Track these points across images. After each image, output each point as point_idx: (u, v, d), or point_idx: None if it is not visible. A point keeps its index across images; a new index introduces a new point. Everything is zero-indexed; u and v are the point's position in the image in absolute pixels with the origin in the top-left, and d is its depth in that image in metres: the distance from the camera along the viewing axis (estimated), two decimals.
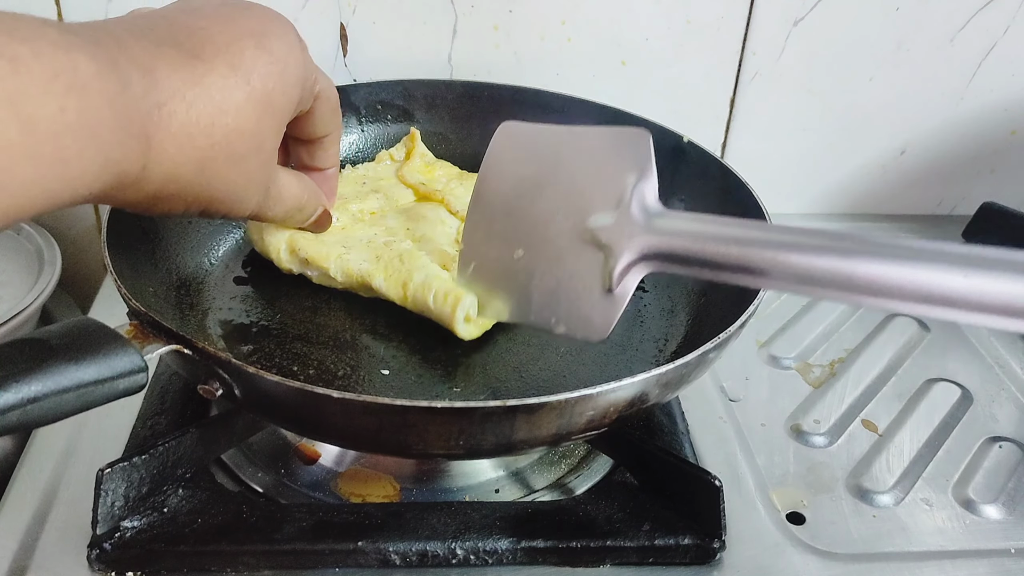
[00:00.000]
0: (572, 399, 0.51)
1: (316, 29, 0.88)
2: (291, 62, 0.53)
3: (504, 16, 0.90)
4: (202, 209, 0.52)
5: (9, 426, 0.43)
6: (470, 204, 0.65)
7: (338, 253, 0.69)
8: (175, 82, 0.46)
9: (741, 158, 0.99)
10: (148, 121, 0.44)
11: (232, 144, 0.50)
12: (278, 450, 0.69)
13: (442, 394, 0.63)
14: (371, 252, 0.70)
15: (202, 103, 0.47)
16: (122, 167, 0.44)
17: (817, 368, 0.81)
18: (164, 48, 0.47)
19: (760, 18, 0.92)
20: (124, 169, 0.44)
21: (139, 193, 0.47)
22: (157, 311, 0.61)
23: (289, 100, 0.54)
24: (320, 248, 0.69)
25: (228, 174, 0.51)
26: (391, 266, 0.68)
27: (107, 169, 0.43)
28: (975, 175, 1.04)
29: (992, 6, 0.93)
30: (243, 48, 0.50)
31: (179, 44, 0.48)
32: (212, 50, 0.49)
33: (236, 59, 0.50)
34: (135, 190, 0.46)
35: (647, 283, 0.77)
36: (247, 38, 0.51)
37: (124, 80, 0.43)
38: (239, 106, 0.49)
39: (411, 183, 0.80)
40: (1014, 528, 0.66)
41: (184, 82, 0.47)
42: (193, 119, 0.47)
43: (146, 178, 0.46)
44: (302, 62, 0.55)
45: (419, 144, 0.84)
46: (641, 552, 0.60)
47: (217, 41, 0.49)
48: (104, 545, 0.57)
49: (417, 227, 0.74)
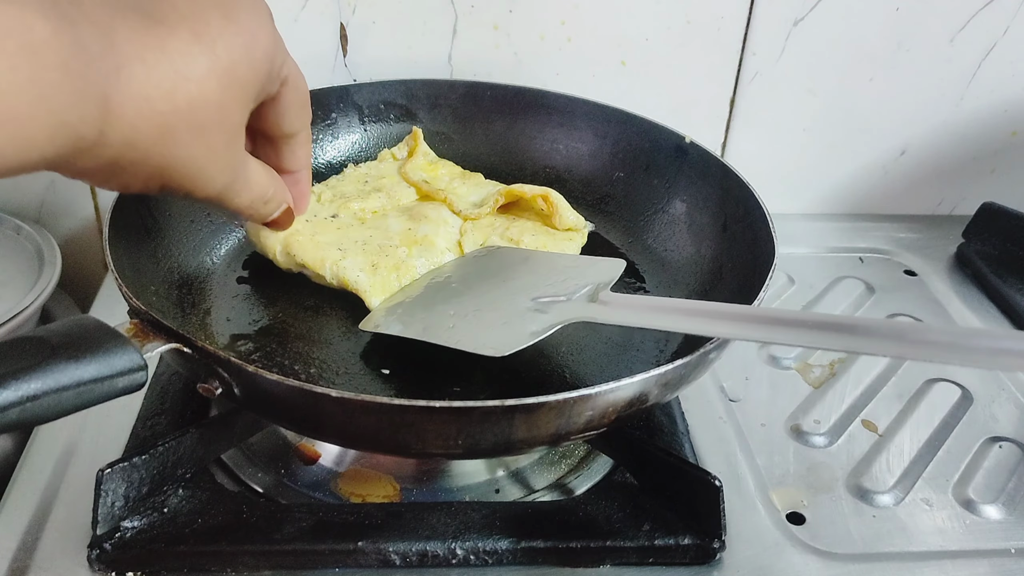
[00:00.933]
0: (571, 399, 0.51)
1: (316, 29, 0.88)
2: (260, 36, 0.52)
3: (504, 16, 0.90)
4: (163, 183, 0.50)
5: (9, 424, 0.43)
6: (424, 276, 0.68)
7: (334, 258, 0.68)
8: (135, 45, 0.45)
9: (741, 158, 0.99)
10: (106, 83, 0.43)
11: (195, 113, 0.48)
12: (278, 450, 0.69)
13: (441, 394, 0.63)
14: (367, 258, 0.69)
15: (163, 67, 0.46)
16: (78, 131, 0.42)
17: (817, 368, 0.81)
18: (125, 11, 0.45)
19: (760, 18, 0.92)
20: (80, 133, 0.42)
21: (96, 160, 0.45)
22: (158, 310, 0.62)
23: (256, 74, 0.52)
24: (315, 252, 0.69)
25: (190, 145, 0.49)
26: (387, 281, 0.68)
27: (61, 132, 0.41)
28: (975, 175, 1.04)
29: (992, 6, 0.93)
30: (209, 17, 0.49)
31: (141, 8, 0.46)
32: (176, 16, 0.47)
33: (201, 27, 0.48)
34: (92, 156, 0.45)
35: (648, 283, 0.77)
36: (214, 8, 0.49)
37: (80, 42, 0.41)
38: (203, 75, 0.48)
39: (413, 181, 0.80)
40: (1014, 528, 0.65)
41: (145, 46, 0.45)
42: (153, 82, 0.45)
43: (103, 143, 0.44)
44: (272, 38, 0.53)
45: (421, 143, 0.84)
46: (641, 552, 0.60)
47: (181, 8, 0.48)
48: (104, 545, 0.57)
49: (418, 227, 0.73)
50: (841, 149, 1.01)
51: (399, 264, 0.69)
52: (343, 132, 0.87)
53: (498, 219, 0.77)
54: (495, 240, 0.74)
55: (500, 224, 0.76)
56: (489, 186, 0.81)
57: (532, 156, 0.88)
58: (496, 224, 0.76)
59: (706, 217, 0.77)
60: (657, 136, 0.82)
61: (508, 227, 0.75)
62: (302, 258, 0.69)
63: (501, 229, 0.75)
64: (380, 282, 0.68)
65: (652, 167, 0.83)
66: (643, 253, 0.80)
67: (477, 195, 0.80)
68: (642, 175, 0.83)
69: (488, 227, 0.76)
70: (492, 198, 0.77)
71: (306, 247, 0.69)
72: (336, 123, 0.87)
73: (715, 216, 0.76)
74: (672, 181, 0.81)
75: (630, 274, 0.77)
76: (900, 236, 1.02)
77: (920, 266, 0.96)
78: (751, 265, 0.68)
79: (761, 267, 0.65)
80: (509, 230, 0.75)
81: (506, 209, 0.78)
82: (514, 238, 0.74)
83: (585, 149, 0.87)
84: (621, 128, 0.85)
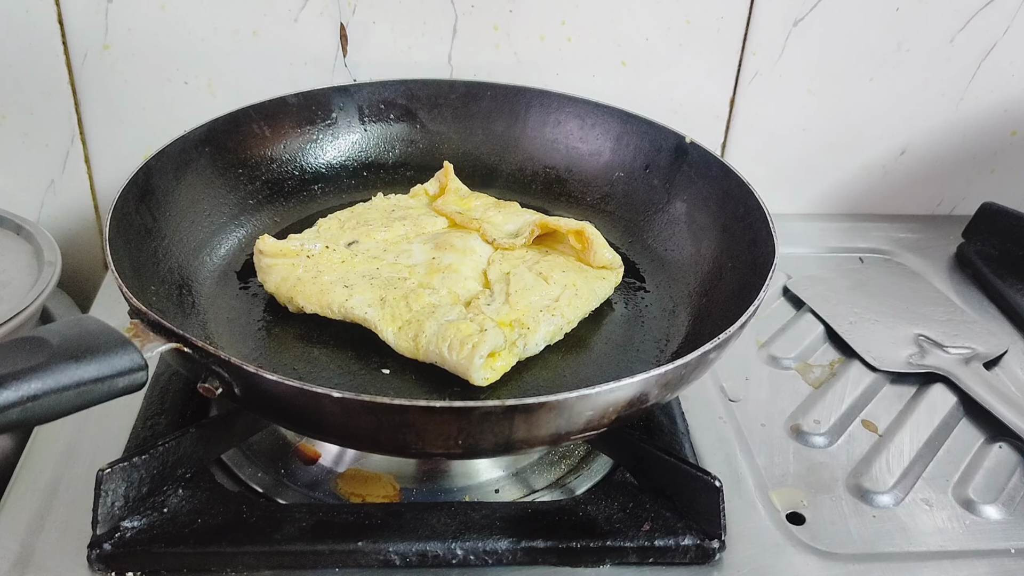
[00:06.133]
0: (571, 399, 0.51)
1: (316, 29, 0.88)
2: None
3: (504, 16, 0.90)
4: None
5: (10, 423, 0.43)
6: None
7: (340, 300, 0.67)
8: None
9: (741, 158, 0.99)
10: None
11: None
12: (278, 450, 0.69)
13: (441, 394, 0.63)
14: (374, 292, 0.68)
15: None
16: None
17: (817, 368, 0.81)
18: None
19: (760, 18, 0.92)
20: None
21: None
22: (159, 310, 0.62)
23: None
24: (321, 298, 0.67)
25: None
26: (398, 313, 0.66)
27: None
28: (975, 175, 1.04)
29: (992, 6, 0.93)
30: None
31: None
32: None
33: None
34: None
35: (648, 283, 0.77)
36: None
37: None
38: None
39: (446, 213, 0.78)
40: (1014, 528, 0.65)
41: None
42: None
43: None
44: None
45: (453, 178, 0.82)
46: (641, 552, 0.60)
47: None
48: (104, 545, 0.57)
49: (443, 256, 0.72)
50: (841, 149, 1.01)
51: (408, 294, 0.67)
52: (343, 132, 0.87)
53: (530, 251, 0.74)
54: (523, 272, 0.71)
55: (531, 257, 0.73)
56: (526, 214, 0.79)
57: (532, 156, 0.88)
58: (527, 256, 0.73)
59: (706, 217, 0.77)
60: (657, 136, 0.82)
61: (539, 260, 0.73)
62: (310, 309, 0.68)
63: (531, 262, 0.73)
64: (390, 314, 0.66)
65: (652, 167, 0.83)
66: (643, 253, 0.80)
67: (513, 224, 0.77)
68: (642, 175, 0.83)
69: (518, 259, 0.73)
70: (528, 228, 0.75)
71: (310, 295, 0.68)
72: (336, 123, 0.87)
73: (715, 216, 0.76)
74: (672, 181, 0.81)
75: (630, 274, 0.77)
76: (900, 236, 1.02)
77: (920, 266, 0.96)
78: (751, 265, 0.68)
79: (761, 267, 0.66)
80: (539, 264, 0.72)
81: (540, 241, 0.76)
82: (543, 272, 0.71)
83: (585, 149, 0.87)
84: (621, 128, 0.85)
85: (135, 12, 0.85)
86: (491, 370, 0.63)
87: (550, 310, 0.68)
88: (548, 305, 0.68)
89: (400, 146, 0.89)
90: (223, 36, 0.87)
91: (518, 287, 0.69)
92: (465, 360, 0.61)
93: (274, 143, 0.84)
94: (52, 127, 0.90)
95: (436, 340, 0.63)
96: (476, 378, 0.62)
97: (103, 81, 0.88)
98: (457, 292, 0.68)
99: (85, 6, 0.85)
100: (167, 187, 0.74)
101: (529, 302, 0.68)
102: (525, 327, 0.66)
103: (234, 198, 0.80)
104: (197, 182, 0.77)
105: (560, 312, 0.68)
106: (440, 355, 0.63)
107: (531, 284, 0.70)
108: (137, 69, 0.88)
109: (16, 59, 0.86)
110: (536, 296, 0.69)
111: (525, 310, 0.67)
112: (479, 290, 0.69)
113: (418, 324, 0.64)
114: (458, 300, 0.68)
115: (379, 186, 0.86)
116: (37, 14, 0.84)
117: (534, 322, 0.66)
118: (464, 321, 0.64)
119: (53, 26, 0.85)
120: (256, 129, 0.82)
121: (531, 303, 0.68)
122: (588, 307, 0.71)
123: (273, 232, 0.76)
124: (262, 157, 0.83)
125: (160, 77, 0.89)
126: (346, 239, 0.74)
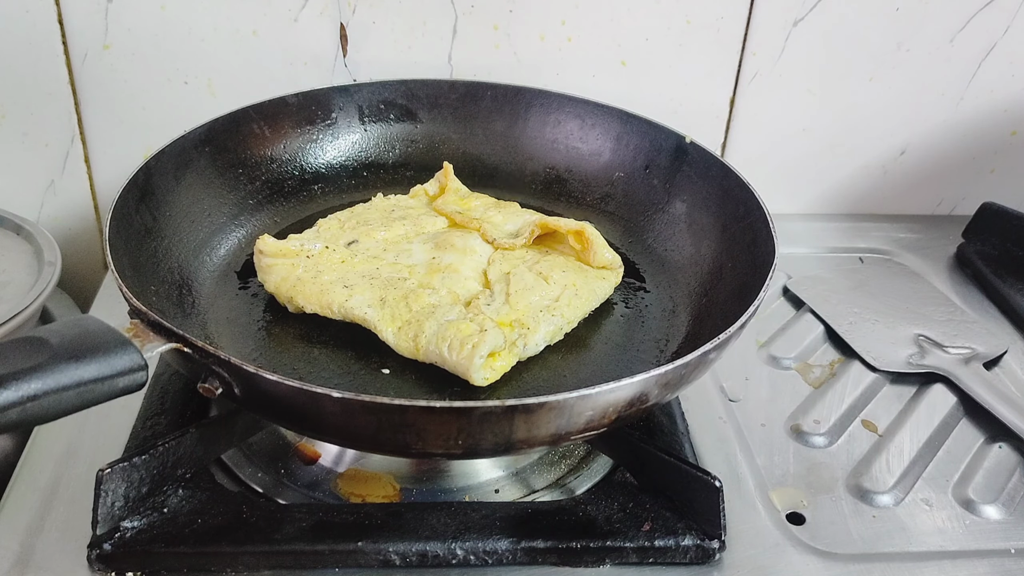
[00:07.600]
0: (571, 399, 0.51)
1: (316, 29, 0.88)
2: None
3: (504, 16, 0.90)
4: None
5: (10, 423, 0.43)
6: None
7: (340, 300, 0.67)
8: None
9: (741, 158, 0.99)
10: None
11: None
12: (278, 450, 0.69)
13: (441, 394, 0.63)
14: (374, 292, 0.68)
15: None
16: None
17: (817, 368, 0.81)
18: None
19: (760, 18, 0.92)
20: None
21: None
22: (159, 310, 0.62)
23: None
24: (321, 298, 0.68)
25: None
26: (398, 313, 0.66)
27: None
28: (975, 175, 1.04)
29: (992, 6, 0.93)
30: None
31: None
32: None
33: None
34: None
35: (648, 283, 0.77)
36: None
37: None
38: None
39: (446, 212, 0.78)
40: (1014, 528, 0.65)
41: None
42: None
43: None
44: None
45: (452, 178, 0.82)
46: (641, 552, 0.60)
47: None
48: (104, 545, 0.57)
49: (443, 256, 0.72)
50: (841, 149, 1.01)
51: (408, 294, 0.67)
52: (343, 132, 0.87)
53: (530, 251, 0.75)
54: (523, 272, 0.71)
55: (531, 257, 0.74)
56: (526, 214, 0.79)
57: (532, 156, 0.88)
58: (527, 256, 0.74)
59: (706, 217, 0.77)
60: (657, 136, 0.82)
61: (539, 260, 0.73)
62: (310, 308, 0.68)
63: (531, 262, 0.73)
64: (390, 314, 0.66)
65: (652, 167, 0.83)
66: (643, 253, 0.80)
67: (513, 224, 0.77)
68: (642, 175, 0.83)
69: (518, 259, 0.73)
70: (528, 228, 0.75)
71: (310, 295, 0.68)
72: (336, 123, 0.87)
73: (715, 216, 0.76)
74: (672, 181, 0.81)
75: (630, 274, 0.77)
76: (900, 236, 1.02)
77: (920, 266, 0.96)
78: (751, 265, 0.68)
79: (761, 267, 0.66)
80: (539, 264, 0.72)
81: (540, 241, 0.76)
82: (543, 272, 0.71)
83: (585, 149, 0.87)
84: (621, 128, 0.85)
85: (135, 12, 0.85)
86: (491, 370, 0.63)
87: (550, 310, 0.68)
88: (548, 305, 0.68)
89: (400, 146, 0.89)
90: (223, 36, 0.87)
91: (518, 287, 0.69)
92: (465, 360, 0.61)
93: (274, 143, 0.84)
94: (52, 127, 0.90)
95: (436, 340, 0.63)
96: (476, 378, 0.62)
97: (103, 81, 0.88)
98: (457, 292, 0.68)
99: (85, 6, 0.85)
100: (167, 187, 0.74)
101: (529, 302, 0.68)
102: (525, 327, 0.66)
103: (234, 198, 0.80)
104: (197, 182, 0.77)
105: (560, 312, 0.68)
106: (440, 355, 0.63)
107: (531, 284, 0.70)
108: (137, 69, 0.88)
109: (16, 59, 0.86)
110: (536, 296, 0.69)
111: (525, 310, 0.67)
112: (479, 290, 0.69)
113: (418, 324, 0.64)
114: (458, 300, 0.68)
115: (379, 186, 0.86)
116: (37, 14, 0.84)
117: (534, 322, 0.66)
118: (464, 321, 0.64)
119: (53, 26, 0.85)
120: (256, 129, 0.82)
121: (531, 303, 0.68)
122: (588, 307, 0.71)
123: (273, 232, 0.76)
124: (262, 157, 0.83)
125: (160, 77, 0.89)
126: (346, 239, 0.74)
